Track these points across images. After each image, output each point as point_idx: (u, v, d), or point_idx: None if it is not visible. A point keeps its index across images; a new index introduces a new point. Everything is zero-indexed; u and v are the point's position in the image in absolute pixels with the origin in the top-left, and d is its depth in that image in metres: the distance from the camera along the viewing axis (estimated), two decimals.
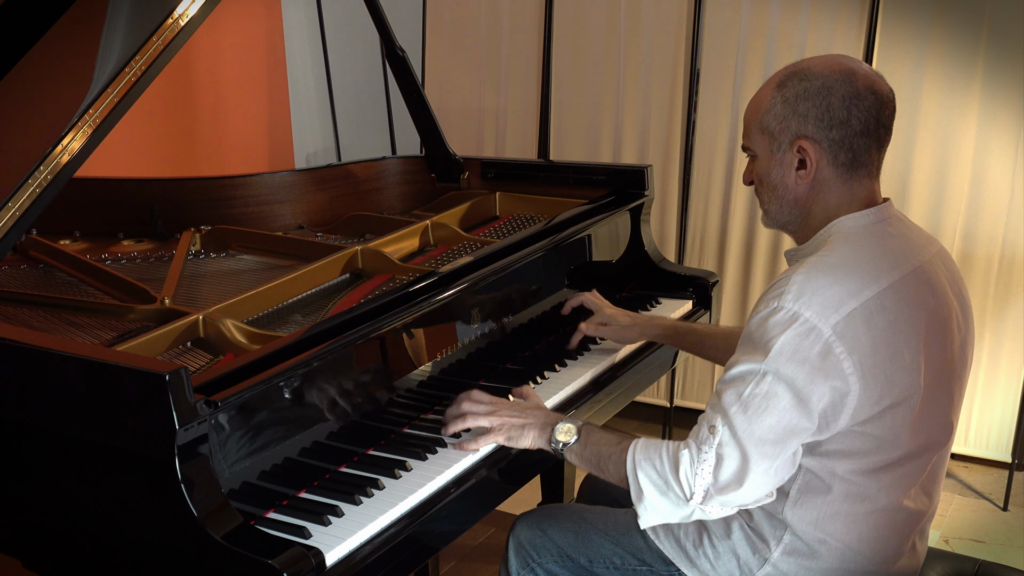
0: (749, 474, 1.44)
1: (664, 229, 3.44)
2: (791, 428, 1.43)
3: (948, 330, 1.54)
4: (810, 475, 1.51)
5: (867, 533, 1.53)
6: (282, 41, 4.08)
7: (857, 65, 1.52)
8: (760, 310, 1.46)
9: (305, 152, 4.27)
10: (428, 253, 2.28)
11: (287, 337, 1.61)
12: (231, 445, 1.45)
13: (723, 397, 1.46)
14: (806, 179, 1.54)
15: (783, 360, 1.41)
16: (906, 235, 1.56)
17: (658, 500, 1.51)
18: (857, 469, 1.49)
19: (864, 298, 1.43)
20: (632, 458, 1.54)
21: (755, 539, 1.58)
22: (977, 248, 3.02)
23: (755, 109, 1.57)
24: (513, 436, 1.68)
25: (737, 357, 1.48)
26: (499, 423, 1.69)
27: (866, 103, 1.49)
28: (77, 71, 1.83)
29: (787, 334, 1.41)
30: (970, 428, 3.17)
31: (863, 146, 1.51)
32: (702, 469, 1.46)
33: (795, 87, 1.51)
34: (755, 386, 1.43)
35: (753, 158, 1.61)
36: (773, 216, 1.62)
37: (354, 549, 1.43)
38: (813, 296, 1.41)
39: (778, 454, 1.44)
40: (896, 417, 1.46)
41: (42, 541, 1.57)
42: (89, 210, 2.48)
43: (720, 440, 1.45)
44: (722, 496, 1.47)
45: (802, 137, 1.51)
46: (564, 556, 1.75)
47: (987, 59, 2.89)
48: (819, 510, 1.52)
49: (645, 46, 3.33)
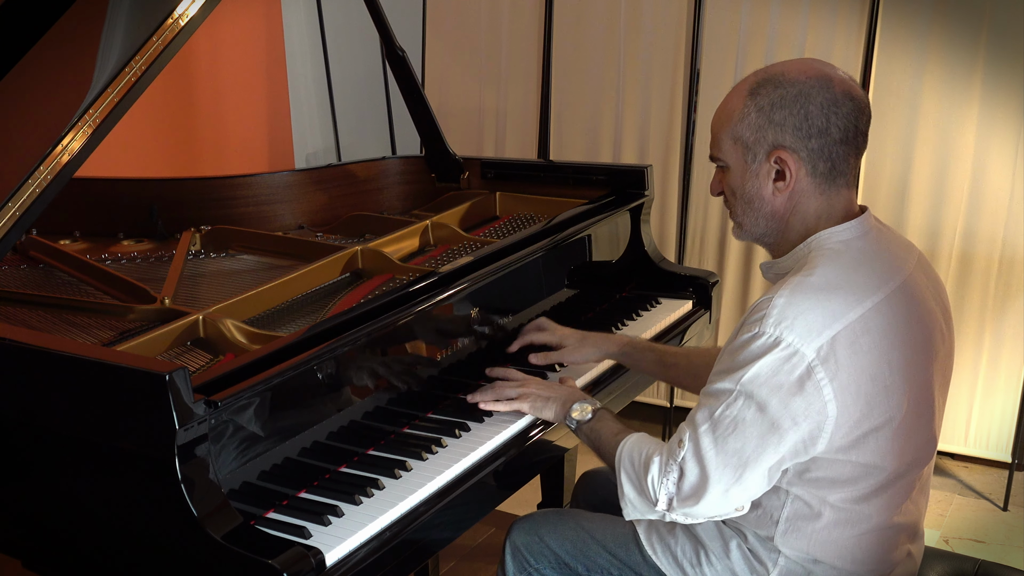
0: (707, 493, 1.44)
1: (664, 229, 3.44)
2: (758, 452, 1.41)
3: (932, 345, 1.51)
4: (799, 503, 1.49)
5: (860, 555, 1.52)
6: (282, 41, 4.08)
7: (832, 70, 1.47)
8: (742, 335, 1.43)
9: (305, 152, 4.26)
10: (428, 253, 2.28)
11: (287, 337, 1.61)
12: (231, 445, 1.45)
13: (697, 413, 1.46)
14: (784, 191, 1.48)
15: (758, 383, 1.39)
16: (888, 248, 1.52)
17: (636, 498, 1.53)
18: (847, 497, 1.48)
19: (849, 320, 1.39)
20: (619, 453, 1.56)
21: (752, 560, 1.57)
22: (977, 248, 3.02)
23: (725, 118, 1.50)
24: (537, 405, 1.76)
25: (715, 374, 1.47)
26: (526, 391, 1.77)
27: (844, 110, 1.44)
28: (77, 71, 1.83)
29: (766, 359, 1.38)
30: (970, 428, 3.17)
31: (842, 155, 1.46)
32: (667, 479, 1.47)
33: (770, 94, 1.45)
34: (726, 408, 1.42)
35: (723, 168, 1.55)
36: (748, 229, 1.54)
37: (354, 549, 1.43)
38: (795, 320, 1.37)
39: (740, 476, 1.42)
40: (878, 440, 1.44)
41: (42, 541, 1.57)
42: (89, 210, 2.48)
43: (684, 455, 1.45)
44: (683, 508, 1.48)
45: (779, 147, 1.45)
46: (561, 563, 1.74)
47: (987, 59, 2.89)
48: (809, 538, 1.51)
49: (645, 46, 3.33)
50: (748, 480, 1.43)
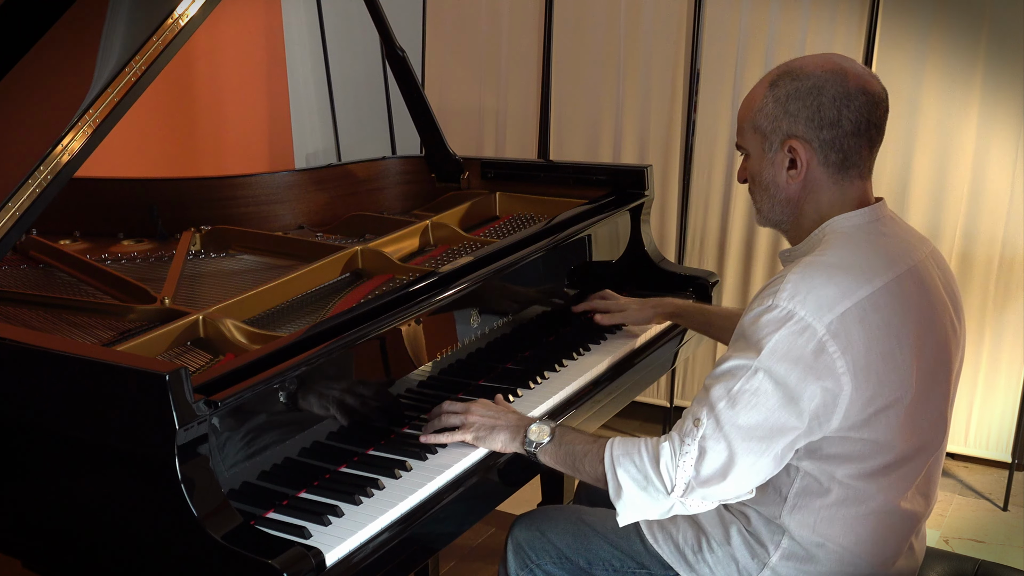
0: (734, 468, 1.44)
1: (664, 229, 3.44)
2: (778, 426, 1.42)
3: (941, 330, 1.54)
4: (808, 479, 1.51)
5: (864, 536, 1.53)
6: (282, 41, 4.08)
7: (850, 64, 1.52)
8: (754, 307, 1.46)
9: (305, 152, 4.27)
10: (428, 253, 2.28)
11: (287, 337, 1.61)
12: (231, 445, 1.45)
13: (711, 391, 1.46)
14: (797, 179, 1.54)
15: (776, 358, 1.41)
16: (900, 235, 1.56)
17: (637, 496, 1.51)
18: (854, 473, 1.49)
19: (859, 297, 1.43)
20: (610, 455, 1.53)
21: (753, 544, 1.58)
22: (977, 248, 3.02)
23: (748, 108, 1.58)
24: (481, 436, 1.67)
25: (729, 353, 1.48)
26: (469, 421, 1.69)
27: (857, 103, 1.49)
28: (77, 71, 1.83)
29: (781, 332, 1.41)
30: (970, 428, 3.17)
31: (854, 146, 1.51)
32: (683, 462, 1.46)
33: (786, 86, 1.51)
34: (745, 382, 1.43)
35: (747, 156, 1.61)
36: (766, 215, 1.63)
37: (354, 549, 1.43)
38: (808, 295, 1.42)
39: (764, 451, 1.44)
40: (889, 419, 1.46)
41: (42, 541, 1.57)
42: (89, 210, 2.48)
43: (704, 433, 1.45)
44: (704, 489, 1.46)
45: (792, 137, 1.52)
46: (563, 557, 1.75)
47: (987, 59, 2.89)
48: (816, 514, 1.52)
49: (645, 46, 3.33)
50: (769, 456, 1.44)
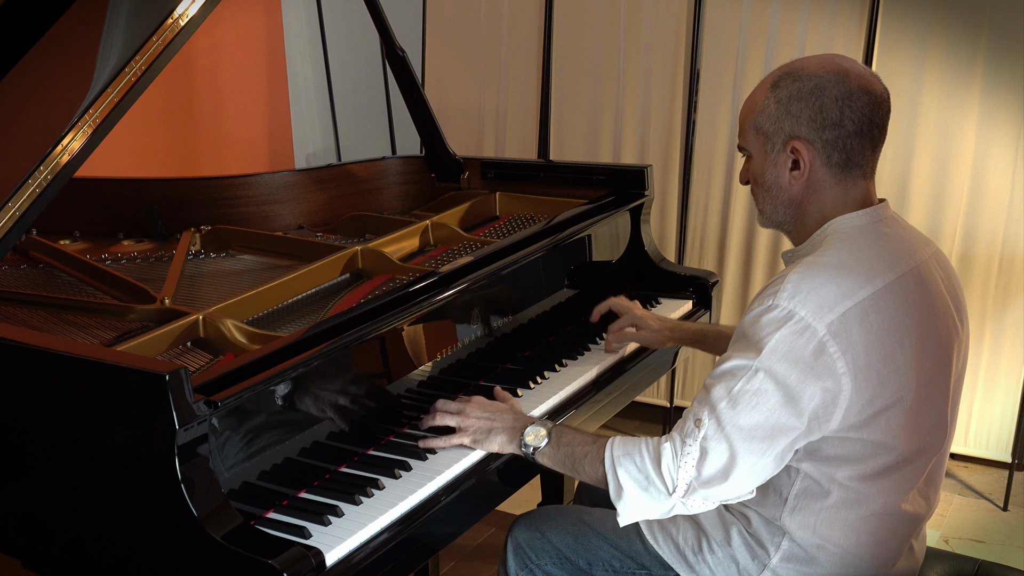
0: (736, 469, 1.44)
1: (664, 229, 3.44)
2: (779, 426, 1.42)
3: (944, 331, 1.53)
4: (809, 480, 1.51)
5: (865, 537, 1.53)
6: (282, 41, 4.08)
7: (851, 65, 1.52)
8: (755, 307, 1.46)
9: (305, 152, 4.27)
10: (428, 253, 2.28)
11: (287, 337, 1.61)
12: (231, 445, 1.45)
13: (712, 392, 1.46)
14: (800, 180, 1.54)
15: (776, 358, 1.41)
16: (902, 236, 1.56)
17: (638, 496, 1.51)
18: (855, 475, 1.49)
19: (860, 297, 1.43)
20: (610, 455, 1.53)
21: (754, 545, 1.58)
22: (977, 248, 3.02)
23: (750, 109, 1.57)
24: (479, 439, 1.67)
25: (729, 353, 1.48)
26: (465, 424, 1.68)
27: (859, 103, 1.49)
28: (77, 71, 1.83)
29: (781, 332, 1.41)
30: (970, 428, 3.17)
31: (856, 146, 1.51)
32: (685, 462, 1.46)
33: (788, 87, 1.51)
34: (746, 382, 1.43)
35: (749, 158, 1.61)
36: (768, 216, 1.62)
37: (354, 549, 1.43)
38: (808, 295, 1.42)
39: (765, 451, 1.44)
40: (890, 420, 1.46)
41: (42, 541, 1.57)
42: (89, 210, 2.48)
43: (706, 434, 1.44)
44: (705, 490, 1.46)
45: (795, 138, 1.51)
46: (563, 558, 1.75)
47: (987, 59, 2.89)
48: (817, 515, 1.52)
49: (645, 46, 3.33)
50: (770, 456, 1.44)
